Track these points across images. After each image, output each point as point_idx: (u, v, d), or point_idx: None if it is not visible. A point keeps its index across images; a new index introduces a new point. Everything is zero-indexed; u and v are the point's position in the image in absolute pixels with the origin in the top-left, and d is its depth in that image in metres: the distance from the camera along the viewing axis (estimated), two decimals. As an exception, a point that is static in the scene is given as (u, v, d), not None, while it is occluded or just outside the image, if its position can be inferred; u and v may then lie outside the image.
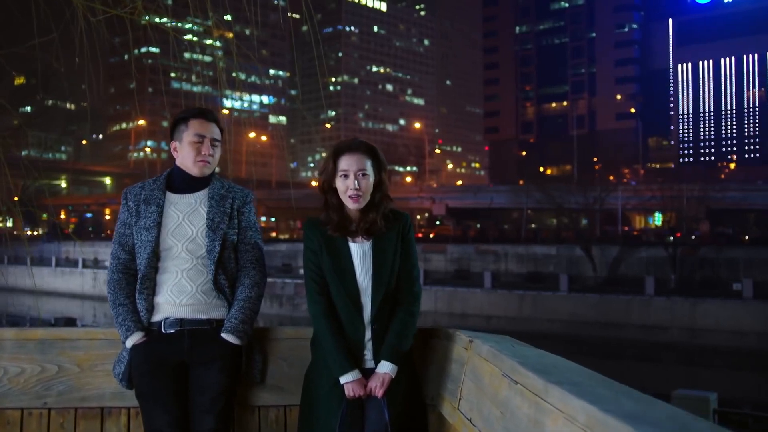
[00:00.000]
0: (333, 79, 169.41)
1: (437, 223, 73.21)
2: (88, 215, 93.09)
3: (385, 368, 2.67)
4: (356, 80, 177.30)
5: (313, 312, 2.75)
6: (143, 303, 2.81)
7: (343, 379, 2.65)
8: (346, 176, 2.74)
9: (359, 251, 2.76)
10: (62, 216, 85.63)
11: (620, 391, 1.66)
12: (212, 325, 2.81)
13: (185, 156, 2.92)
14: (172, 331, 2.78)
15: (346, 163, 2.74)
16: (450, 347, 2.83)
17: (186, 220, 2.86)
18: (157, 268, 2.84)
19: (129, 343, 2.78)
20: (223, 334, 2.79)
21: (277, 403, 2.98)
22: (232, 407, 2.84)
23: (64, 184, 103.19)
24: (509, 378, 2.08)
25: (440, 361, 2.88)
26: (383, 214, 2.78)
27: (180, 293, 2.80)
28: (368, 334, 2.73)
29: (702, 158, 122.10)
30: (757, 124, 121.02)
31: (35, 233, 58.11)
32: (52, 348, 2.96)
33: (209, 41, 5.82)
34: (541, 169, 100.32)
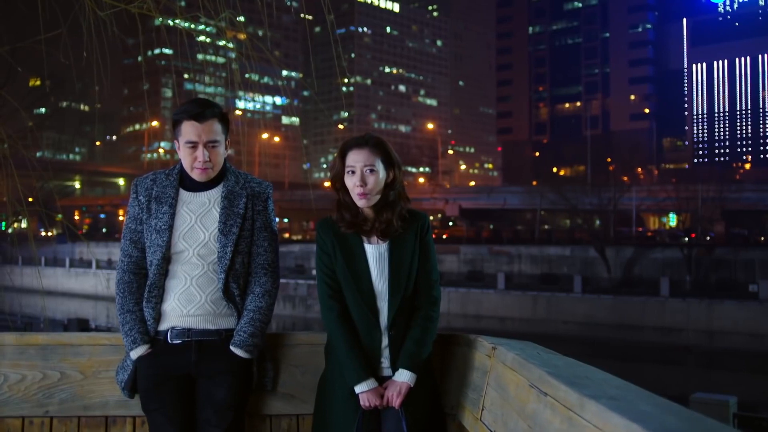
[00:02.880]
0: (346, 80, 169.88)
1: (450, 224, 73.15)
2: (102, 216, 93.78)
3: (403, 377, 2.53)
4: (369, 81, 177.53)
5: (327, 317, 2.61)
6: (150, 312, 2.66)
7: (358, 389, 2.51)
8: (353, 172, 2.61)
9: (375, 253, 2.63)
10: (76, 217, 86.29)
11: (664, 407, 1.52)
12: (221, 336, 2.66)
13: (183, 159, 2.69)
14: (178, 342, 2.64)
15: (352, 159, 2.62)
16: (471, 354, 2.70)
17: (198, 223, 2.68)
18: (167, 272, 2.68)
19: (134, 355, 2.65)
20: (232, 348, 2.65)
21: (289, 412, 2.86)
22: (241, 421, 2.70)
23: (77, 185, 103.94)
24: (537, 389, 1.95)
25: (461, 369, 2.75)
26: (400, 214, 2.65)
27: (188, 302, 2.65)
28: (385, 341, 2.59)
29: (717, 159, 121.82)
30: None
31: (49, 234, 58.55)
32: (54, 354, 2.84)
33: (222, 42, 5.71)
34: (555, 169, 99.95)
